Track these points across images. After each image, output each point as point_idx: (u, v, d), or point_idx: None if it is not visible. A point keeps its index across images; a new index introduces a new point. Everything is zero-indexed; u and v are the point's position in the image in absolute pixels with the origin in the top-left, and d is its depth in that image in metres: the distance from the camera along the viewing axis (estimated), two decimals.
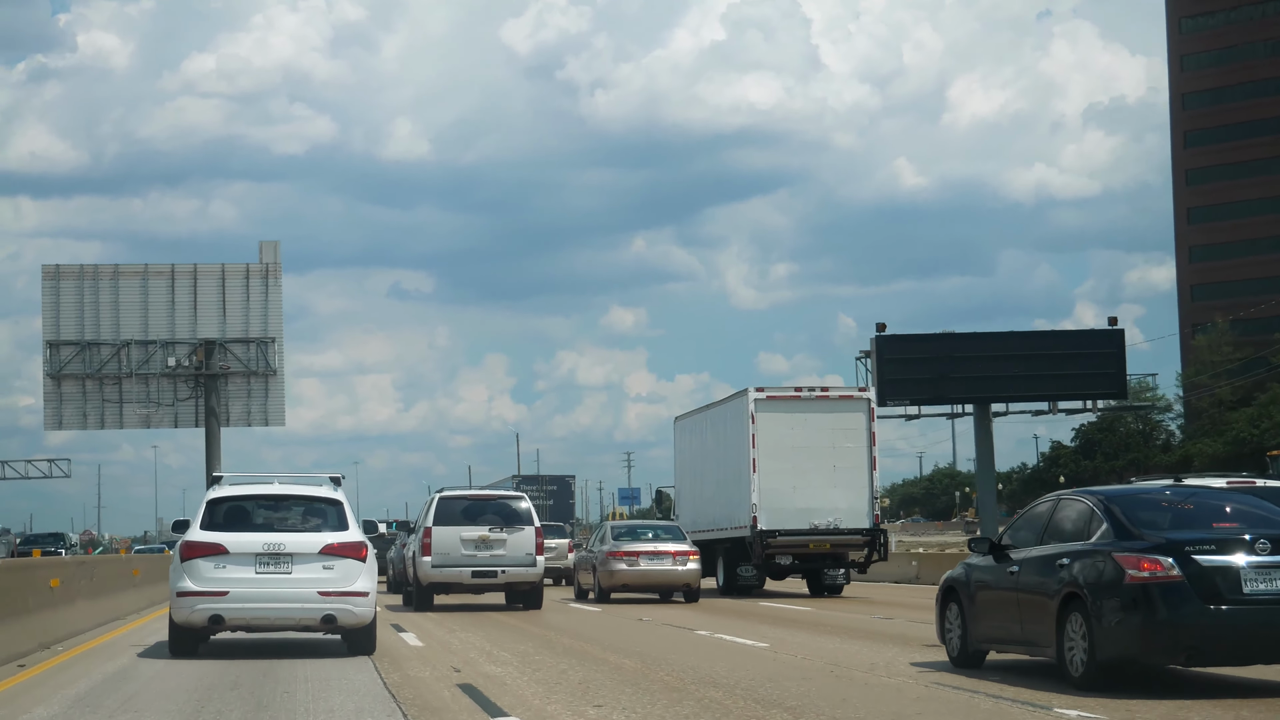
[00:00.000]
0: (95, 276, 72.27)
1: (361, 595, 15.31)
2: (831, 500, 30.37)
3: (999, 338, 66.64)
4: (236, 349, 73.07)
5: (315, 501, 16.12)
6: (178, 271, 72.26)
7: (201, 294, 73.91)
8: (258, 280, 73.44)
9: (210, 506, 15.94)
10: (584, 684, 12.68)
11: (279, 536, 15.57)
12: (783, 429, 30.58)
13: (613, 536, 28.80)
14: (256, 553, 15.42)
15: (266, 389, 70.17)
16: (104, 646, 16.40)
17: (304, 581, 15.35)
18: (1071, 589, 11.63)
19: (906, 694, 11.20)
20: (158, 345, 72.54)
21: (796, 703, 10.75)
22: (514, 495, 26.45)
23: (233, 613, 15.32)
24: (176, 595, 15.39)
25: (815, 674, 12.92)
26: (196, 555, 15.53)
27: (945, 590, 13.75)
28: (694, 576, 27.65)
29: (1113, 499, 12.10)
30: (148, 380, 72.33)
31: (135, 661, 14.55)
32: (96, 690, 12.00)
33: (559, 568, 38.07)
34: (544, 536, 30.82)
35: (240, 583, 15.33)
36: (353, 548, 15.57)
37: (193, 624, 15.35)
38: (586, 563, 29.05)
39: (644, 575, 28.03)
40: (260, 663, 14.10)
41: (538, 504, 72.54)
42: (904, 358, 64.61)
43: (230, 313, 73.69)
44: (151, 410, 70.71)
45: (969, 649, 13.36)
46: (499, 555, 24.95)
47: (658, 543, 28.57)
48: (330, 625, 15.19)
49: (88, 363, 72.30)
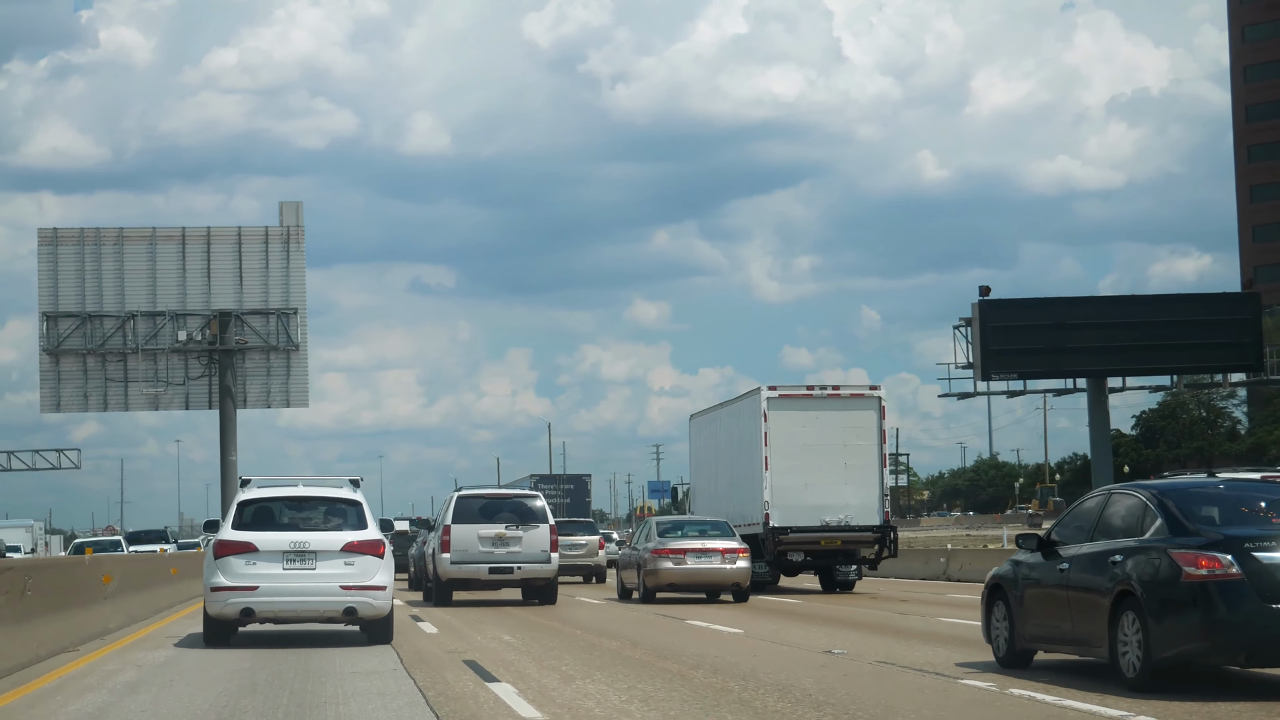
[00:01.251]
0: (98, 241, 75.65)
1: (380, 589, 19.22)
2: (843, 497, 34.72)
3: (1117, 303, 68.50)
4: (254, 321, 76.76)
5: (336, 502, 20.10)
6: (189, 235, 75.74)
7: (215, 260, 77.60)
8: (278, 245, 77.35)
9: (240, 508, 19.77)
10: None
11: (304, 535, 19.49)
12: (795, 427, 34.96)
13: (658, 533, 31.49)
14: (283, 550, 19.35)
15: (288, 366, 74.06)
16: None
17: (327, 577, 19.33)
18: (1125, 587, 12.49)
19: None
20: (167, 317, 76.62)
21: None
22: (530, 494, 30.78)
23: (262, 606, 19.20)
24: (210, 590, 19.17)
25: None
26: (228, 553, 19.52)
27: (991, 588, 14.89)
28: (743, 575, 30.42)
29: (1166, 493, 12.93)
30: (156, 356, 76.41)
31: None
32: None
33: (589, 565, 43.70)
34: (574, 534, 38.81)
35: (269, 578, 19.30)
36: (371, 545, 19.50)
37: (225, 616, 19.25)
38: (630, 560, 32.02)
39: (690, 574, 30.71)
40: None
41: (555, 502, 75.10)
42: (1010, 325, 66.96)
43: (248, 281, 77.41)
44: (160, 390, 75.06)
45: (1016, 648, 14.50)
46: (515, 552, 29.37)
47: (705, 540, 31.25)
48: (351, 617, 19.03)
49: (89, 337, 76.26)
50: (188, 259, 77.04)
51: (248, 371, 76.99)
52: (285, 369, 70.67)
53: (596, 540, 45.15)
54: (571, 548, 44.87)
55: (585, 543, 45.56)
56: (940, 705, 11.98)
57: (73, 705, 12.80)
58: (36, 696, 13.68)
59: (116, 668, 16.13)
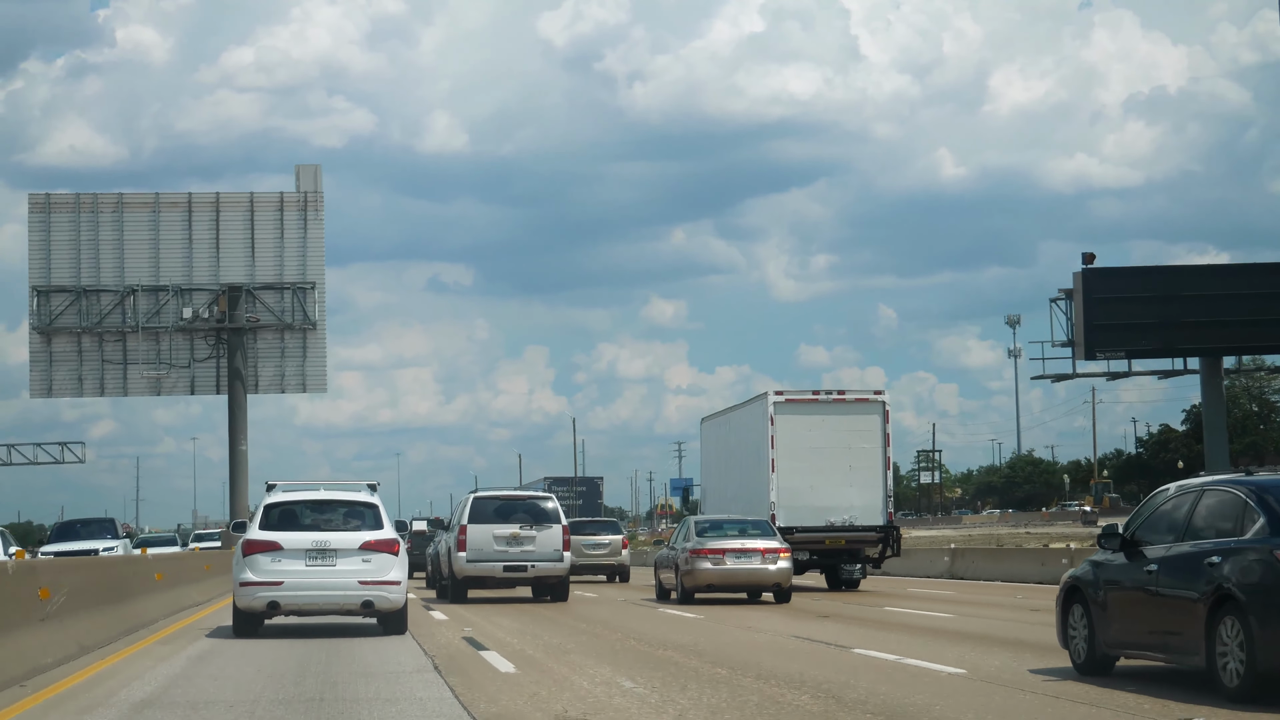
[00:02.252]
0: (95, 208, 78.21)
1: (395, 584, 23.35)
2: (847, 498, 39.06)
3: (1237, 271, 69.70)
4: (268, 297, 79.15)
5: (355, 505, 24.38)
6: (195, 202, 77.20)
7: (225, 230, 79.53)
8: (294, 213, 79.79)
9: (266, 510, 24.11)
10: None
11: (325, 535, 23.77)
12: (801, 430, 39.61)
13: (696, 533, 34.33)
14: (306, 549, 23.60)
15: (304, 346, 76.94)
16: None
17: (346, 573, 23.48)
18: (1224, 591, 12.92)
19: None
20: (171, 293, 78.89)
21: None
22: (543, 495, 35.01)
23: (287, 599, 23.43)
24: (239, 585, 23.44)
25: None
26: (256, 551, 23.68)
27: (1068, 590, 15.58)
28: (784, 576, 33.30)
29: (1267, 489, 13.43)
30: (158, 336, 79.04)
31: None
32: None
33: (613, 564, 48.71)
34: (598, 533, 45.71)
35: (293, 574, 23.51)
36: (387, 544, 23.69)
37: (253, 609, 23.42)
38: (669, 561, 35.05)
39: (729, 574, 33.59)
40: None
41: (568, 504, 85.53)
42: (1116, 297, 68.32)
43: (260, 253, 79.71)
44: (163, 373, 78.07)
45: (1096, 655, 15.12)
46: (529, 551, 33.74)
47: (745, 539, 34.17)
48: (368, 610, 23.10)
49: (84, 314, 78.59)
50: (194, 228, 78.97)
51: (260, 352, 79.43)
52: (301, 350, 73.26)
53: (620, 539, 49.79)
54: (595, 547, 50.35)
55: (609, 542, 50.23)
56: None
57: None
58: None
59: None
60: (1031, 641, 20.18)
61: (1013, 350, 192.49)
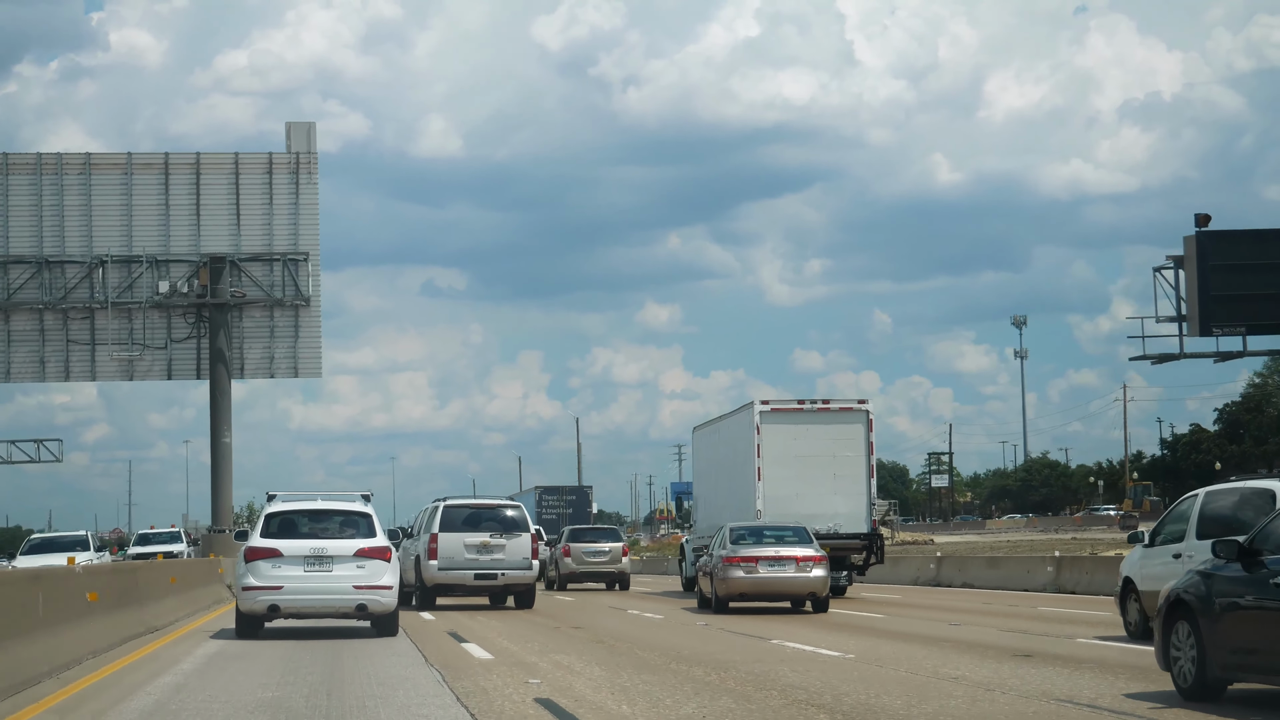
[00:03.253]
0: (59, 169, 72.85)
1: (387, 589, 26.79)
2: (832, 506, 40.70)
3: None
4: (255, 270, 72.86)
5: (350, 514, 27.73)
6: (173, 163, 72.46)
7: (207, 193, 72.89)
8: (284, 175, 73.37)
9: (267, 519, 27.60)
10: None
11: (322, 543, 27.20)
12: (786, 439, 41.21)
13: (730, 540, 35.32)
14: (304, 555, 26.96)
15: (296, 325, 70.14)
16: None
17: (342, 578, 26.77)
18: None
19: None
20: (145, 264, 72.14)
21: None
22: (511, 504, 37.65)
23: (286, 603, 26.90)
24: (242, 589, 27.00)
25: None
26: (257, 558, 27.11)
27: (1171, 605, 15.13)
28: (820, 585, 34.36)
29: None
30: (130, 313, 74.61)
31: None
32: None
33: (613, 571, 50.80)
34: (598, 541, 49.77)
35: (292, 579, 26.87)
36: (380, 551, 27.02)
37: (255, 612, 27.05)
38: (705, 569, 36.40)
39: (763, 583, 34.51)
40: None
41: (558, 512, 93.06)
42: (1237, 265, 63.52)
43: (247, 219, 72.81)
44: (136, 355, 71.23)
45: (1207, 678, 14.40)
46: (499, 559, 35.85)
47: (780, 547, 35.05)
48: (363, 613, 26.75)
49: (47, 288, 72.40)
50: (172, 192, 72.51)
51: (245, 332, 73.46)
52: (293, 329, 66.97)
53: (620, 547, 51.71)
54: (595, 554, 51.90)
55: (609, 550, 51.84)
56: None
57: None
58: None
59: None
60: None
61: (1019, 352, 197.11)
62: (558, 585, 53.00)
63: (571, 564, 51.75)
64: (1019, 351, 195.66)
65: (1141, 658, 19.55)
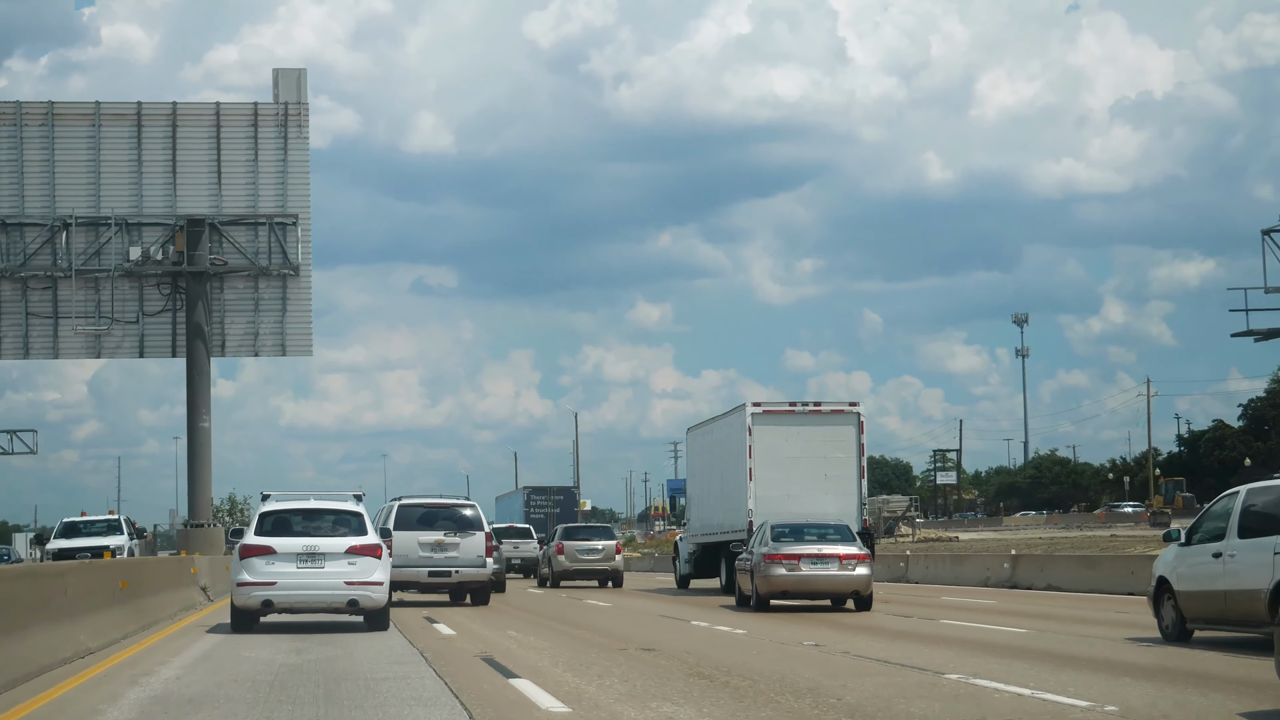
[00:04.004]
0: (17, 120, 66.77)
1: (378, 585, 29.77)
2: (822, 506, 42.03)
3: None
4: (238, 234, 67.17)
5: (342, 513, 30.67)
6: (147, 114, 71.31)
7: (184, 149, 66.79)
8: (271, 129, 67.41)
9: (261, 517, 30.68)
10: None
11: (314, 540, 29.98)
12: (778, 440, 43.53)
13: (772, 538, 36.65)
14: (297, 553, 29.66)
15: (284, 298, 65.06)
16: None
17: (334, 574, 29.53)
18: None
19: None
20: (114, 227, 66.22)
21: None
22: (466, 503, 40.13)
23: (280, 598, 29.74)
24: (237, 585, 29.94)
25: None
26: (252, 555, 29.73)
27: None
28: (863, 583, 35.68)
29: None
30: (98, 282, 71.67)
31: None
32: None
33: (606, 569, 52.12)
34: (591, 539, 52.80)
35: (285, 575, 29.55)
36: (371, 548, 29.91)
37: (249, 607, 29.91)
38: (744, 566, 38.22)
39: (805, 581, 35.58)
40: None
41: (545, 512, 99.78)
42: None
43: (229, 178, 66.79)
44: (104, 330, 63.83)
45: None
46: (453, 557, 38.17)
47: (823, 544, 36.11)
48: (354, 608, 29.97)
49: (4, 253, 66.35)
50: (145, 147, 65.80)
51: (227, 305, 67.15)
52: (280, 301, 61.97)
53: (613, 545, 53.07)
54: (589, 552, 52.68)
55: (602, 548, 52.58)
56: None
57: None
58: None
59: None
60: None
61: (1020, 350, 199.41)
62: (551, 583, 56.11)
63: (565, 561, 53.48)
64: (1020, 349, 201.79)
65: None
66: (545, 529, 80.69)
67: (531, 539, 67.22)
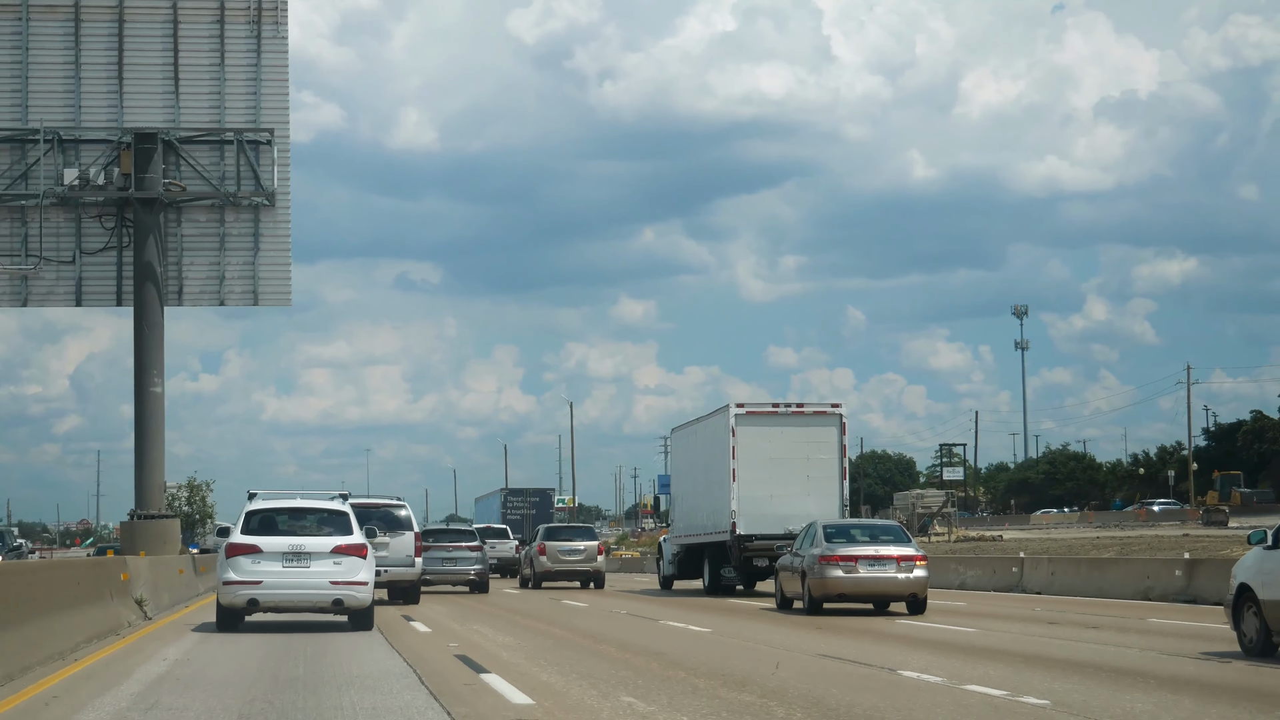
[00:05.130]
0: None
1: (362, 584, 30.91)
2: (805, 507, 42.94)
3: None
4: (200, 154, 56.17)
5: (327, 513, 31.61)
6: (88, 7, 55.16)
7: (133, 49, 55.11)
8: (241, 26, 55.61)
9: (247, 516, 31.79)
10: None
11: (300, 539, 30.80)
12: (761, 441, 43.86)
13: (825, 539, 37.18)
14: (283, 552, 30.41)
15: (256, 233, 58.65)
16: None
17: (319, 574, 30.28)
18: None
19: None
20: (45, 144, 55.00)
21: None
22: (396, 504, 41.10)
23: (265, 597, 30.99)
24: (222, 584, 31.20)
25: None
26: (237, 554, 30.75)
27: None
28: (921, 585, 36.53)
29: None
30: (24, 213, 54.81)
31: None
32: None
33: (587, 570, 51.99)
34: (573, 539, 50.96)
35: (271, 574, 30.40)
36: (356, 548, 30.75)
37: (235, 605, 31.27)
38: (791, 567, 38.86)
39: (863, 583, 35.80)
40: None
41: (522, 513, 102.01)
42: None
43: (188, 84, 55.32)
44: (31, 271, 51.85)
45: None
46: (383, 556, 38.48)
47: (878, 545, 36.27)
48: (339, 608, 31.38)
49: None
50: (84, 47, 54.18)
51: (186, 241, 55.14)
52: (251, 238, 53.02)
53: (595, 545, 52.59)
54: (570, 553, 51.10)
55: (584, 548, 51.60)
56: None
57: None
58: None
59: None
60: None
61: (1019, 343, 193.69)
62: (533, 583, 56.98)
63: (547, 562, 53.78)
64: (1020, 342, 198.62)
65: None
66: (522, 530, 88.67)
67: (508, 539, 72.36)
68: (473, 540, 54.30)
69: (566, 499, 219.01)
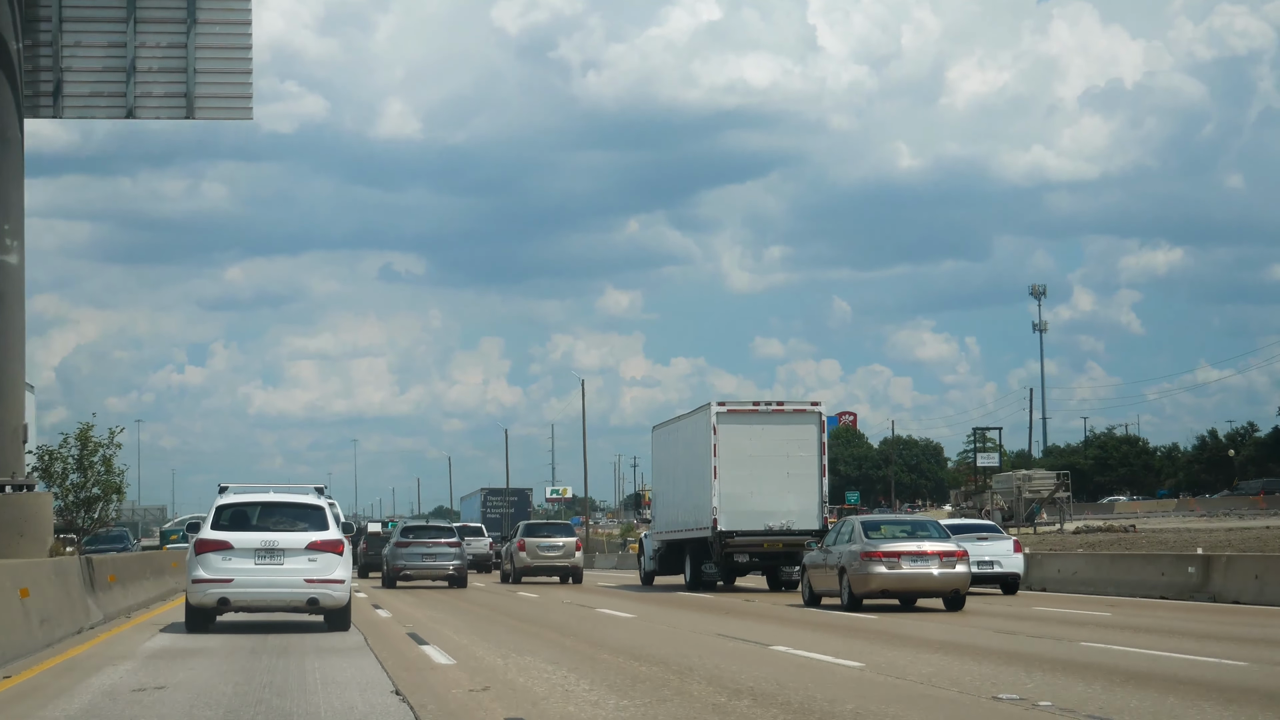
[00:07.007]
0: None
1: (339, 583, 30.80)
2: (785, 504, 44.66)
3: None
4: None
5: (302, 507, 31.16)
6: None
7: None
8: None
9: (218, 511, 31.32)
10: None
11: (273, 535, 30.38)
12: (741, 439, 44.95)
13: (864, 534, 38.15)
14: (255, 548, 30.09)
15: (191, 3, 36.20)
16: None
17: (293, 571, 29.90)
18: None
19: None
20: None
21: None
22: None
23: (236, 596, 30.77)
24: (192, 582, 30.92)
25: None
26: (207, 550, 30.33)
27: None
28: (964, 581, 37.21)
29: None
30: None
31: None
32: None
33: (565, 565, 53.85)
34: (552, 535, 52.27)
35: (242, 572, 30.02)
36: (332, 544, 30.39)
37: (205, 605, 31.07)
38: (828, 563, 39.35)
39: (907, 579, 36.41)
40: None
41: (500, 512, 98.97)
42: None
43: None
44: None
45: None
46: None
47: (918, 541, 37.08)
48: (314, 606, 31.41)
49: None
50: None
51: (66, 7, 34.23)
52: (184, 7, 23.90)
53: (573, 542, 53.94)
54: (549, 549, 52.58)
55: (562, 544, 52.69)
56: None
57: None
58: None
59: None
60: None
61: (1038, 325, 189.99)
62: (513, 579, 59.96)
63: (526, 558, 55.99)
64: (1038, 324, 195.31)
65: None
66: (501, 528, 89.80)
67: (484, 536, 75.52)
68: (451, 537, 58.05)
69: (561, 489, 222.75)
